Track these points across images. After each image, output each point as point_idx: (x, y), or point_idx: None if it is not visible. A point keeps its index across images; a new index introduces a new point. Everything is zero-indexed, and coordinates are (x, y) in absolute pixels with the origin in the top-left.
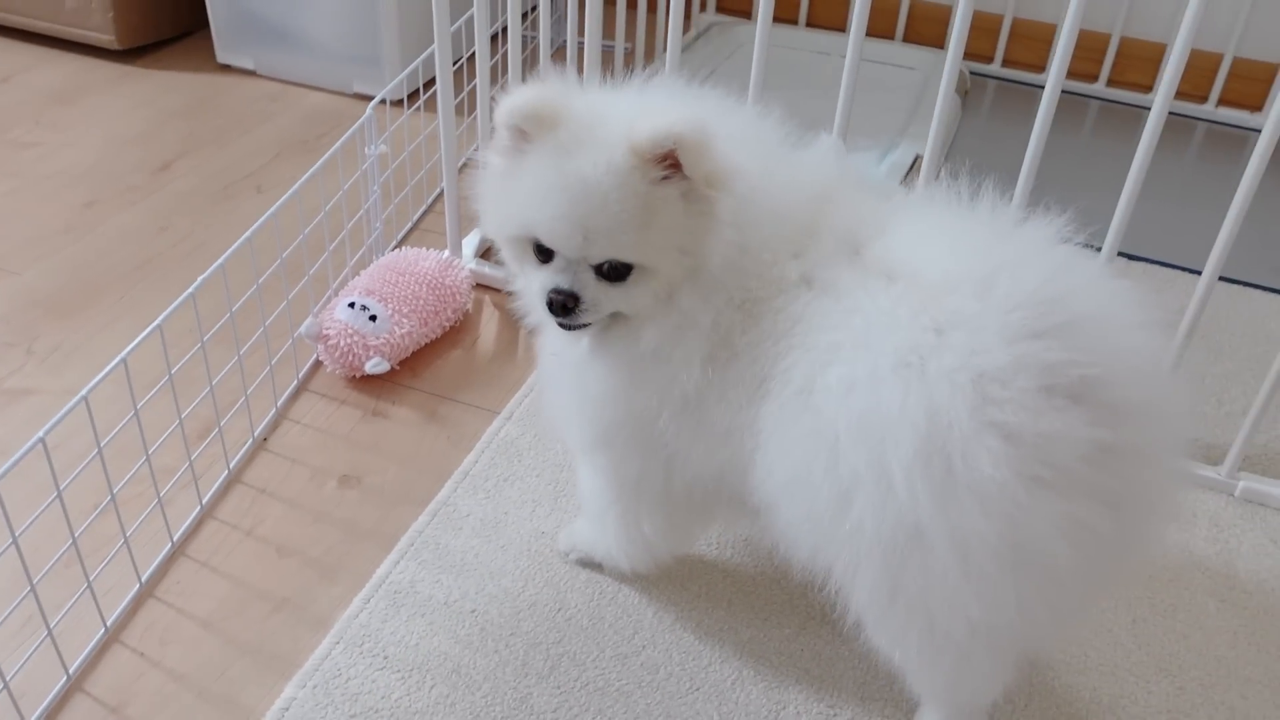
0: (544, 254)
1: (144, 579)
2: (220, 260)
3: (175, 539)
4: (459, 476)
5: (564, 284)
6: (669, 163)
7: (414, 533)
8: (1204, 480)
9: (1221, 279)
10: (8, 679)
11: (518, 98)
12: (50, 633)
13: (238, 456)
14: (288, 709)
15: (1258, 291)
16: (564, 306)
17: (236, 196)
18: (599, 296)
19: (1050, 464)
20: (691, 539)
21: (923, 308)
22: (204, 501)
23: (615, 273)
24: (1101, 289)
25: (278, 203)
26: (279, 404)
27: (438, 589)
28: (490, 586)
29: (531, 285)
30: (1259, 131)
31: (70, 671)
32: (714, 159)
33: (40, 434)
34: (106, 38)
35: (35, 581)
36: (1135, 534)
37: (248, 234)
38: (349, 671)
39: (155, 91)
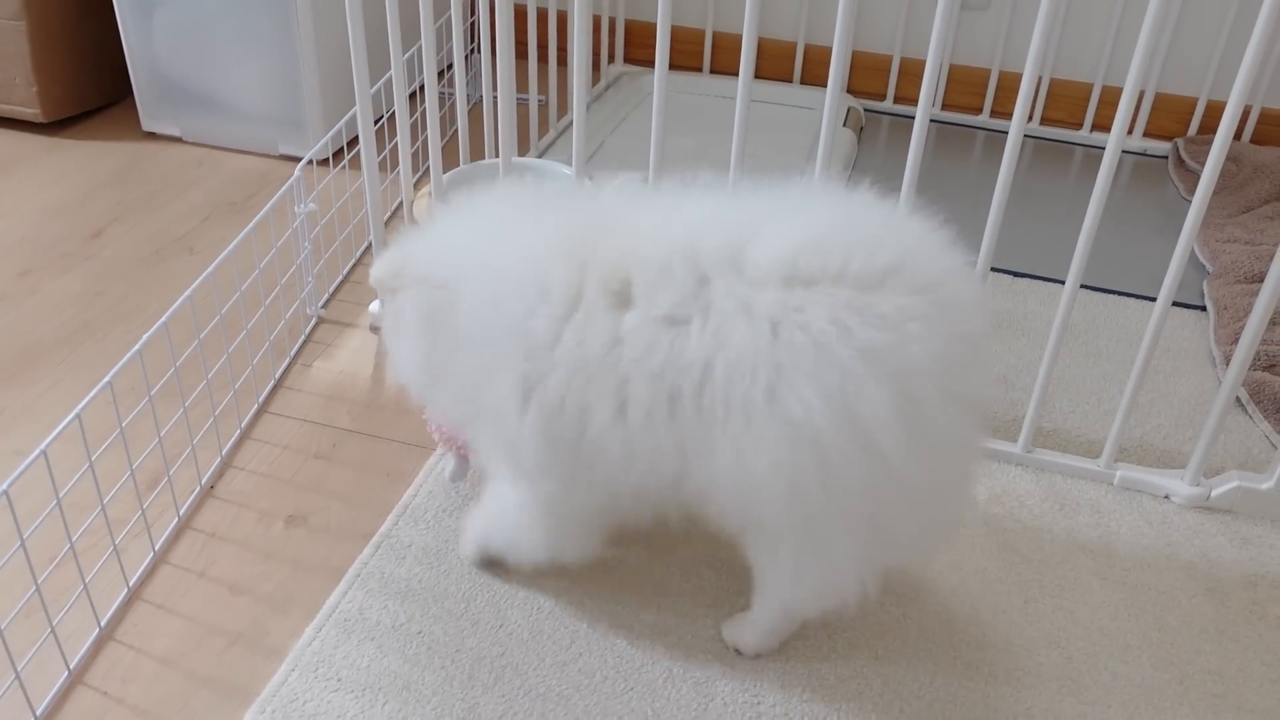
0: None
1: (103, 623)
2: (164, 318)
3: (131, 584)
4: (400, 510)
5: None
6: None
7: (360, 564)
8: (1085, 472)
9: (1100, 289)
10: None
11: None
12: (18, 676)
13: (187, 504)
14: None
15: (1131, 299)
16: None
17: (169, 259)
18: None
19: (968, 400)
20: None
21: (865, 306)
22: (157, 548)
23: None
24: (953, 255)
25: (215, 261)
26: (224, 453)
27: (385, 614)
28: (435, 609)
29: None
30: (1130, 154)
31: (37, 714)
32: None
33: (4, 486)
34: (32, 111)
35: (3, 627)
36: None
37: (188, 291)
38: (305, 695)
39: (83, 161)
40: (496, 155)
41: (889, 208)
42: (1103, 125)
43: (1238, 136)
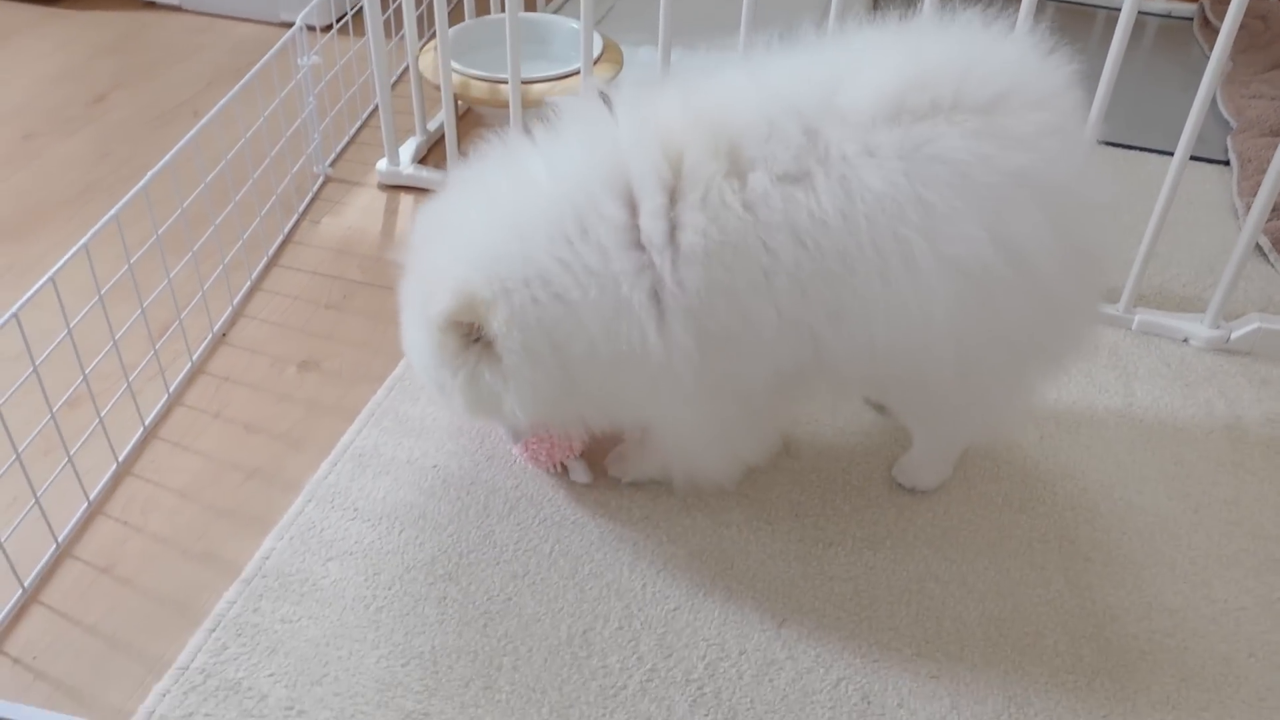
0: None
1: (121, 459)
2: (169, 155)
3: (147, 423)
4: None
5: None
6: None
7: (374, 404)
8: (1104, 317)
9: (1122, 146)
10: (1, 541)
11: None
12: (37, 500)
13: (199, 350)
14: (268, 558)
15: (1154, 155)
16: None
17: (174, 122)
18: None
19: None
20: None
21: (1000, 130)
22: (171, 390)
23: None
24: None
25: (220, 103)
26: (235, 302)
27: (400, 450)
28: (449, 445)
29: None
30: (1154, 15)
31: (59, 539)
32: (486, 322)
33: (14, 309)
34: None
35: (20, 450)
36: None
37: (194, 130)
38: (322, 524)
39: (82, 30)
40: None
41: (982, 29)
42: None
43: None
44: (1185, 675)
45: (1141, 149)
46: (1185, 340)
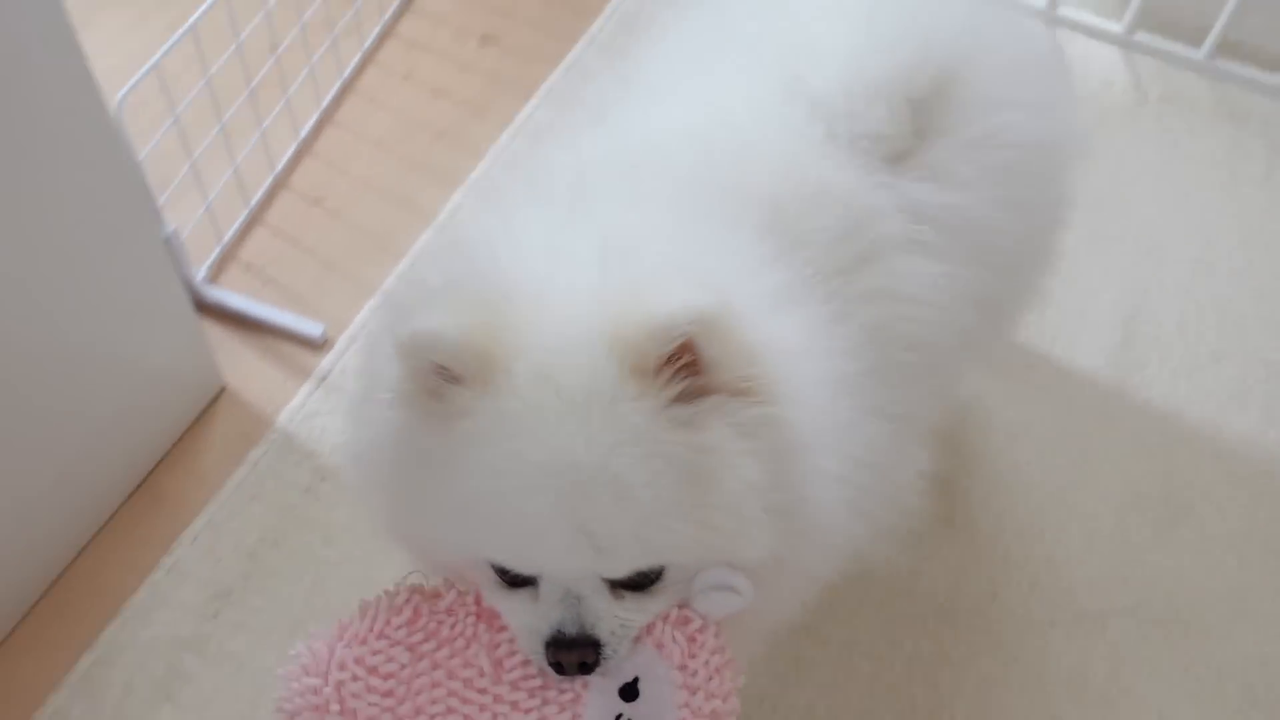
0: (516, 576)
1: (324, 106)
2: None
3: (345, 76)
4: (587, 40)
5: (569, 627)
6: (682, 369)
7: (549, 85)
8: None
9: None
10: (236, 162)
11: (438, 322)
12: (262, 132)
13: (390, 11)
14: (458, 210)
15: None
16: (582, 664)
17: None
18: (627, 617)
19: None
20: None
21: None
22: (365, 47)
23: (644, 579)
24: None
25: None
26: None
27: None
28: None
29: (510, 618)
30: None
31: (276, 169)
32: (744, 352)
33: None
34: None
35: (253, 84)
36: None
37: None
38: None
39: None
40: None
41: None
42: None
43: None
44: None
45: None
46: None
